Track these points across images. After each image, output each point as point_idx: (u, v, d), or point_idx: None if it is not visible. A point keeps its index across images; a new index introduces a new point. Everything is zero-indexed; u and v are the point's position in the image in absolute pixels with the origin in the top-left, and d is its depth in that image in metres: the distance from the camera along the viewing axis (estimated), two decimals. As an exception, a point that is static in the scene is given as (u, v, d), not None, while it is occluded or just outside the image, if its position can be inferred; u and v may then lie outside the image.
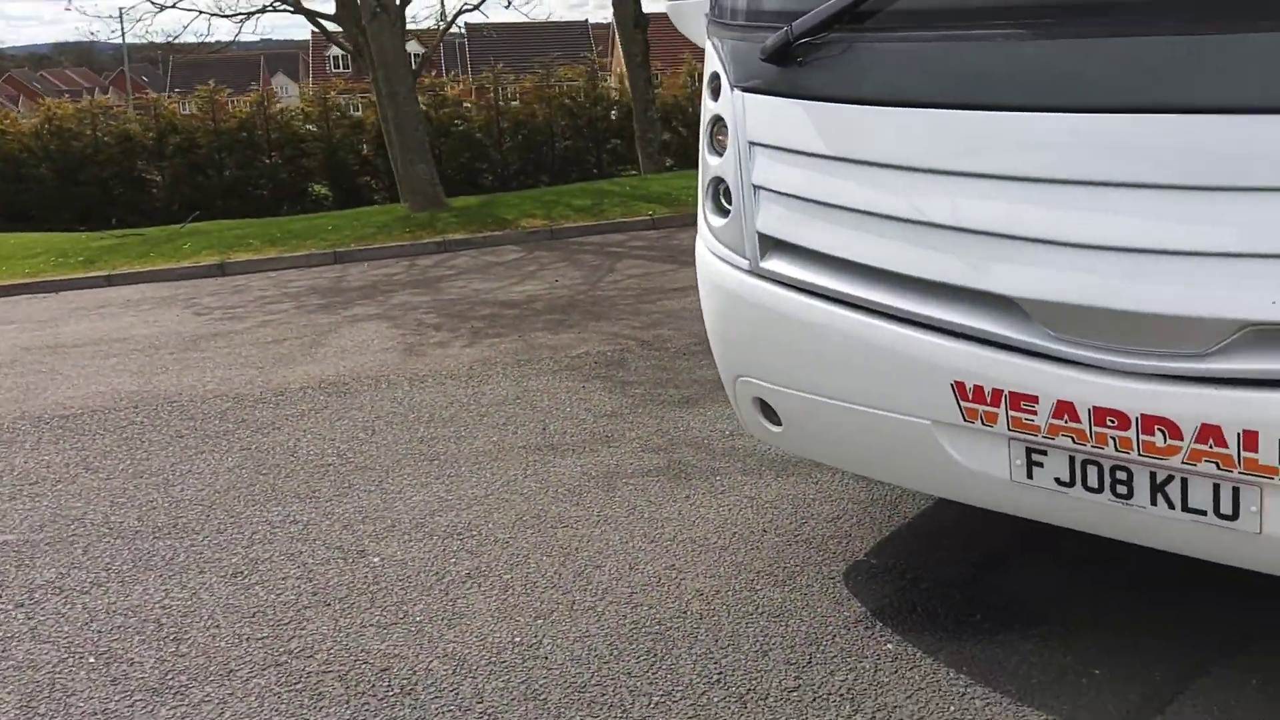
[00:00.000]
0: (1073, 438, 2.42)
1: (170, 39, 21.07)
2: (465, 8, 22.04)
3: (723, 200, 3.17)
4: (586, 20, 57.05)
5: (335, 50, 52.30)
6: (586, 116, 21.65)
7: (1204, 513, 2.32)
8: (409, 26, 15.17)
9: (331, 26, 18.16)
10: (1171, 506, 2.36)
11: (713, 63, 3.16)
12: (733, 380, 3.27)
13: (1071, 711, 2.66)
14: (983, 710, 2.70)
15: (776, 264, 2.96)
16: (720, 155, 3.13)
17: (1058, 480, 2.53)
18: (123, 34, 25.32)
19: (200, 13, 19.59)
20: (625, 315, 7.22)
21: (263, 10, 19.79)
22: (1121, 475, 2.42)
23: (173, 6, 14.85)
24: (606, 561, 3.67)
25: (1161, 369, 2.26)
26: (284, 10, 19.15)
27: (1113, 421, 2.34)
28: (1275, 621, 2.95)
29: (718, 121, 3.13)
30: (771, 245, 2.97)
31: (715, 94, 3.14)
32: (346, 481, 4.58)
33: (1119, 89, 2.22)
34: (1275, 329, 2.10)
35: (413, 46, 19.91)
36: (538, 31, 44.54)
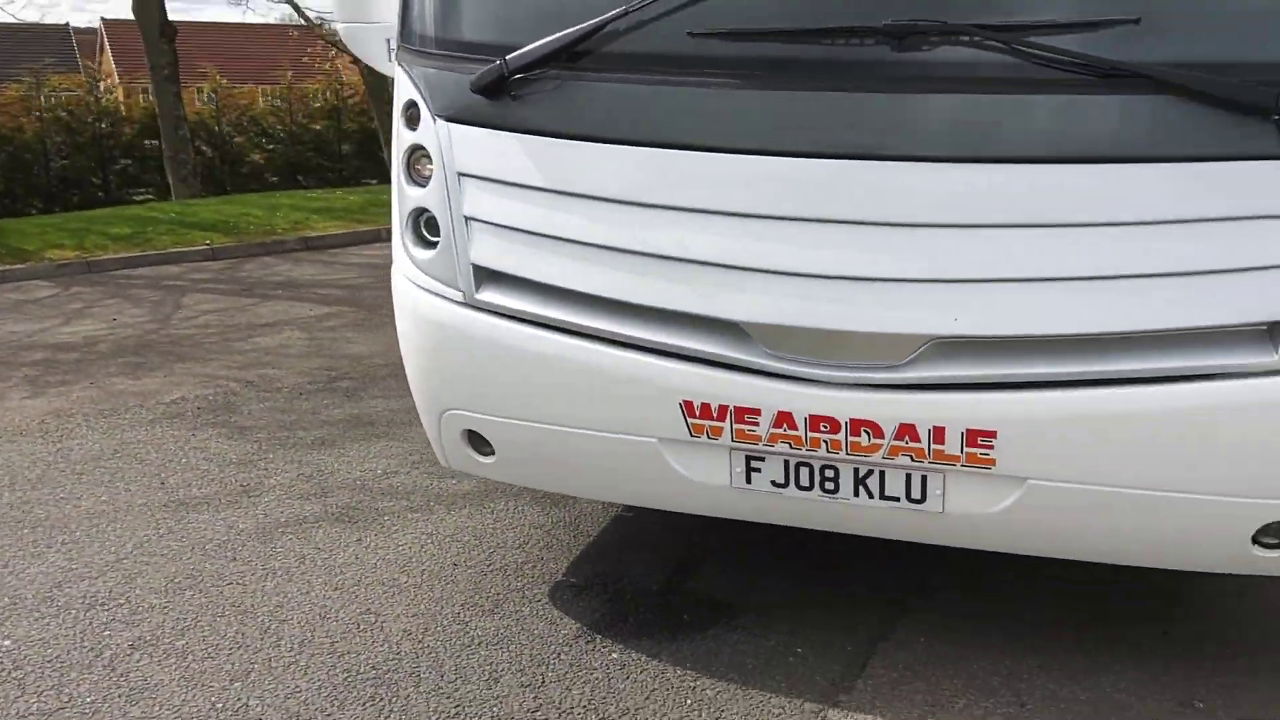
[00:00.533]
0: (790, 444, 2.87)
1: None
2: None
3: (425, 232, 3.27)
4: (68, 24, 51.86)
5: None
6: (89, 133, 19.86)
7: (898, 499, 2.87)
8: None
9: None
10: (871, 496, 2.90)
11: (407, 90, 3.24)
12: (439, 414, 3.38)
13: (788, 687, 3.12)
14: (714, 699, 3.07)
15: (493, 295, 3.13)
16: (422, 186, 3.22)
17: (774, 483, 2.97)
18: None
19: None
20: (215, 355, 6.89)
21: None
22: (829, 473, 2.91)
23: None
24: (292, 615, 3.61)
25: (866, 379, 2.77)
26: None
27: (825, 427, 2.82)
28: (919, 593, 3.64)
29: (417, 150, 3.22)
30: (487, 276, 3.14)
31: (412, 123, 3.22)
32: (-71, 561, 4.03)
33: (822, 137, 2.69)
34: (956, 341, 2.69)
35: None
36: (5, 35, 39.87)
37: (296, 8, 19.74)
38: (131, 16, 15.52)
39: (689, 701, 3.07)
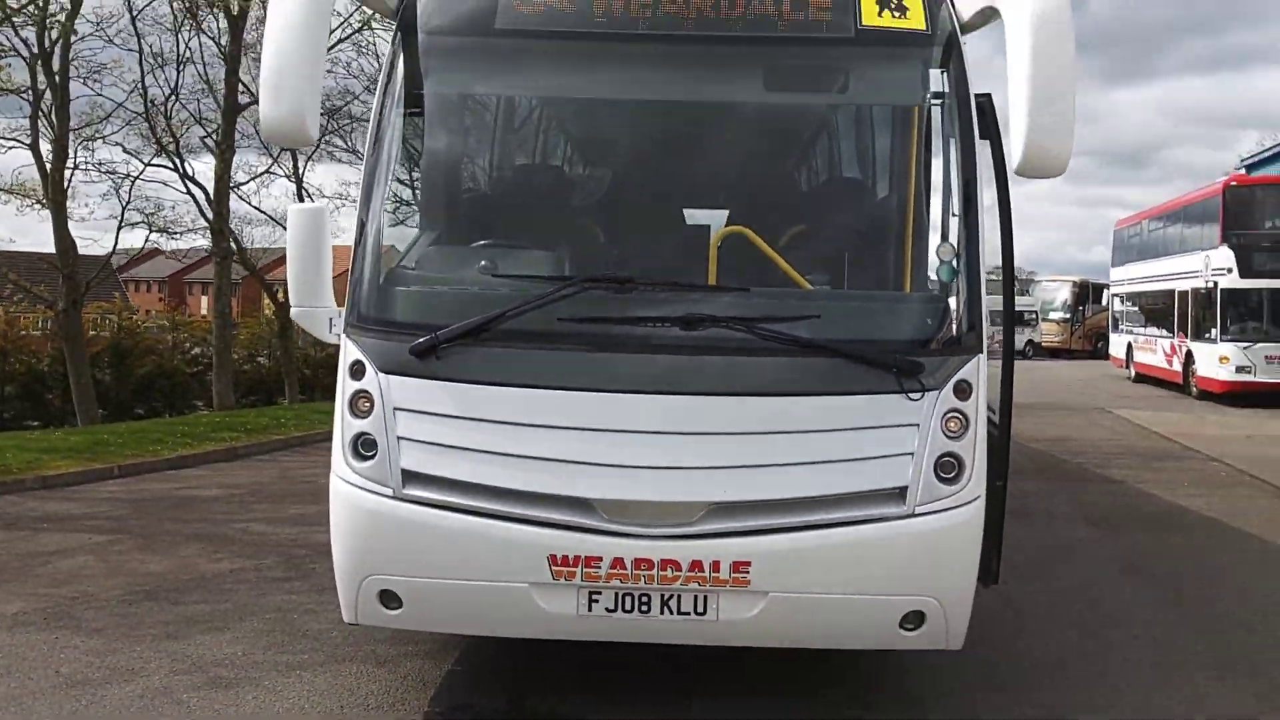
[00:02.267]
0: (620, 579, 4.76)
1: None
2: None
3: (361, 449, 4.96)
4: None
5: None
6: None
7: (689, 614, 4.80)
8: None
9: None
10: (672, 613, 4.81)
11: (353, 353, 5.01)
12: (360, 579, 4.99)
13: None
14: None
15: (416, 490, 4.87)
16: (362, 418, 4.96)
17: (607, 609, 4.83)
18: None
19: None
20: (22, 578, 7.81)
21: None
22: (645, 599, 4.81)
23: None
24: (235, 741, 4.96)
25: (670, 532, 4.75)
26: None
27: (645, 566, 4.74)
28: (698, 689, 5.51)
29: (360, 394, 4.96)
30: (412, 478, 4.87)
31: (358, 375, 4.97)
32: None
33: (639, 382, 4.76)
34: (725, 505, 4.72)
35: None
36: None
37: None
38: None
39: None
